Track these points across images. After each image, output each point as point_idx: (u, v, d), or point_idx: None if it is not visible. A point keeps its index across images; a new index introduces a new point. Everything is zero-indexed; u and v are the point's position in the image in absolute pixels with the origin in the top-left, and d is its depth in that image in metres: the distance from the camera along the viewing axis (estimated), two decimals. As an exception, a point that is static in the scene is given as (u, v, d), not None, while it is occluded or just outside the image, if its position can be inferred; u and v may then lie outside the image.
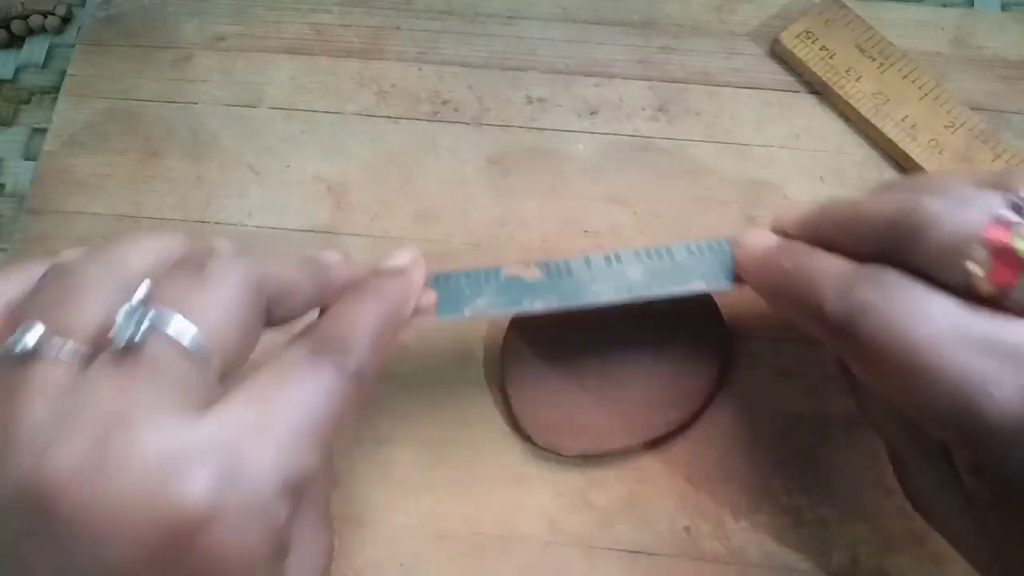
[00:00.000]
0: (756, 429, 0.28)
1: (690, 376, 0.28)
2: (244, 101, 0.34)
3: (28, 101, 0.36)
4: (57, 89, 0.34)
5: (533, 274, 0.26)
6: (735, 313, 0.29)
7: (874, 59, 0.33)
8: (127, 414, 0.17)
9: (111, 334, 0.17)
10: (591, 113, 0.34)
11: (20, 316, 0.18)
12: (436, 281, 0.26)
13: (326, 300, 0.23)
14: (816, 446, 0.28)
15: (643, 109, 0.34)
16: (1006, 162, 0.31)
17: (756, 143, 0.33)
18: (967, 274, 0.19)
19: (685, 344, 0.28)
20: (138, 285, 0.19)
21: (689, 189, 0.32)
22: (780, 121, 0.33)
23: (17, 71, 0.36)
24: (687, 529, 0.27)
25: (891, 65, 0.33)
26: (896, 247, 0.20)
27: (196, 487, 0.16)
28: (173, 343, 0.18)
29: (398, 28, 0.35)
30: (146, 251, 0.20)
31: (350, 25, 0.35)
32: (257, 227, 0.32)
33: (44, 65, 0.36)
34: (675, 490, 0.28)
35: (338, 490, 0.27)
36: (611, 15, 0.35)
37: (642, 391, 0.28)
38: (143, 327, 0.17)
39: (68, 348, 0.18)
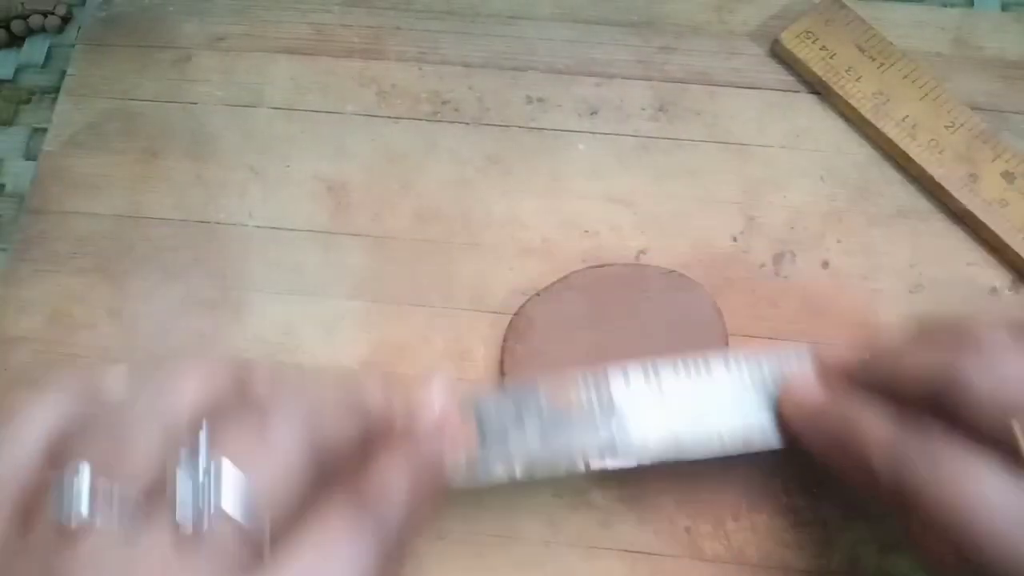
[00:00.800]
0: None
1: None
2: (244, 101, 0.34)
3: (28, 101, 0.36)
4: (57, 89, 0.34)
5: (572, 401, 0.25)
6: (735, 313, 0.29)
7: (874, 59, 0.33)
8: None
9: (177, 512, 0.17)
10: (591, 113, 0.34)
11: (65, 457, 0.17)
12: (474, 408, 0.24)
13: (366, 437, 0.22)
14: (816, 446, 0.28)
15: (643, 109, 0.34)
16: (1006, 162, 0.31)
17: (756, 143, 0.33)
18: (1013, 437, 0.19)
19: (685, 344, 0.28)
20: (190, 428, 0.18)
21: (689, 189, 0.32)
22: (780, 121, 0.33)
23: (17, 71, 0.36)
24: (687, 529, 0.27)
25: (891, 65, 0.33)
26: (939, 408, 0.20)
27: None
28: (234, 526, 0.17)
29: (398, 28, 0.35)
30: (196, 387, 0.19)
31: (350, 25, 0.35)
32: (257, 227, 0.32)
33: (44, 65, 0.36)
34: (675, 490, 0.28)
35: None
36: (611, 15, 0.35)
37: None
38: (208, 508, 0.17)
39: (117, 511, 0.17)
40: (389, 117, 0.34)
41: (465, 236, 0.31)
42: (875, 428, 0.22)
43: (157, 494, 0.17)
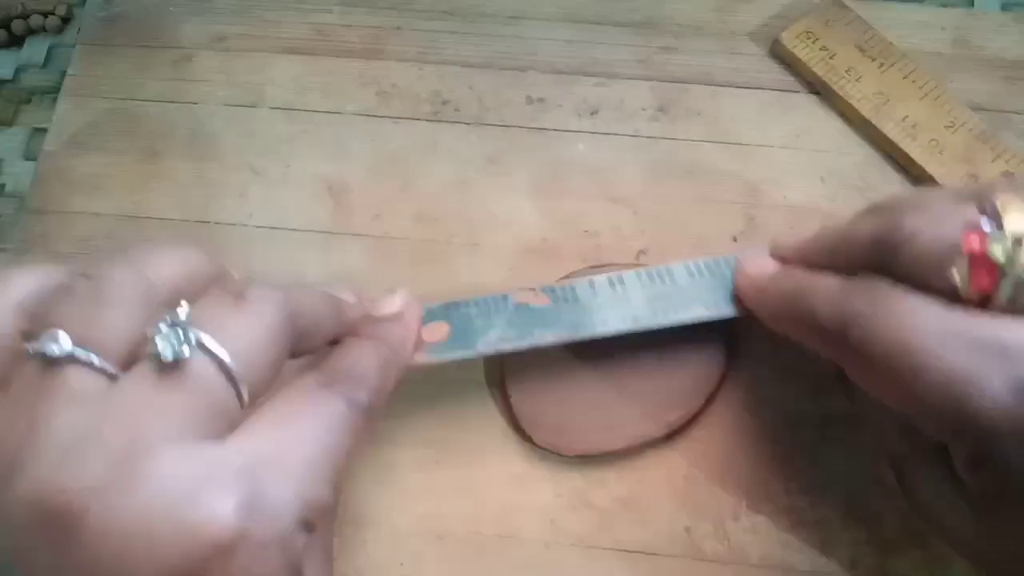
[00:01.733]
0: (756, 429, 0.28)
1: (690, 376, 0.28)
2: (244, 101, 0.34)
3: (28, 101, 0.36)
4: (57, 89, 0.35)
5: (541, 300, 0.26)
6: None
7: (874, 59, 0.33)
8: (157, 432, 0.16)
9: (154, 347, 0.17)
10: (591, 113, 0.34)
11: (42, 321, 0.18)
12: (447, 312, 0.26)
13: (338, 338, 0.23)
14: (816, 446, 0.28)
15: (643, 109, 0.34)
16: (1006, 162, 0.31)
17: (756, 143, 0.33)
18: (950, 282, 0.20)
19: (685, 344, 0.28)
20: (167, 298, 0.18)
21: (689, 189, 0.32)
22: (780, 121, 0.33)
23: (17, 71, 0.36)
24: (687, 529, 0.27)
25: (891, 65, 0.33)
26: (882, 262, 0.21)
27: (223, 512, 0.16)
28: (215, 364, 0.18)
29: (399, 28, 0.35)
30: (174, 264, 0.20)
31: (351, 25, 0.35)
32: (257, 227, 0.32)
33: (44, 65, 0.36)
34: (675, 490, 0.28)
35: (338, 490, 0.27)
36: (612, 15, 0.35)
37: (642, 390, 0.28)
38: (189, 343, 0.17)
39: (99, 359, 0.17)
40: (389, 117, 0.34)
41: (465, 236, 0.31)
42: (824, 281, 0.23)
43: (135, 354, 0.18)
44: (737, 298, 0.26)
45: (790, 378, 0.29)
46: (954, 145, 0.32)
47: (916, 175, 0.32)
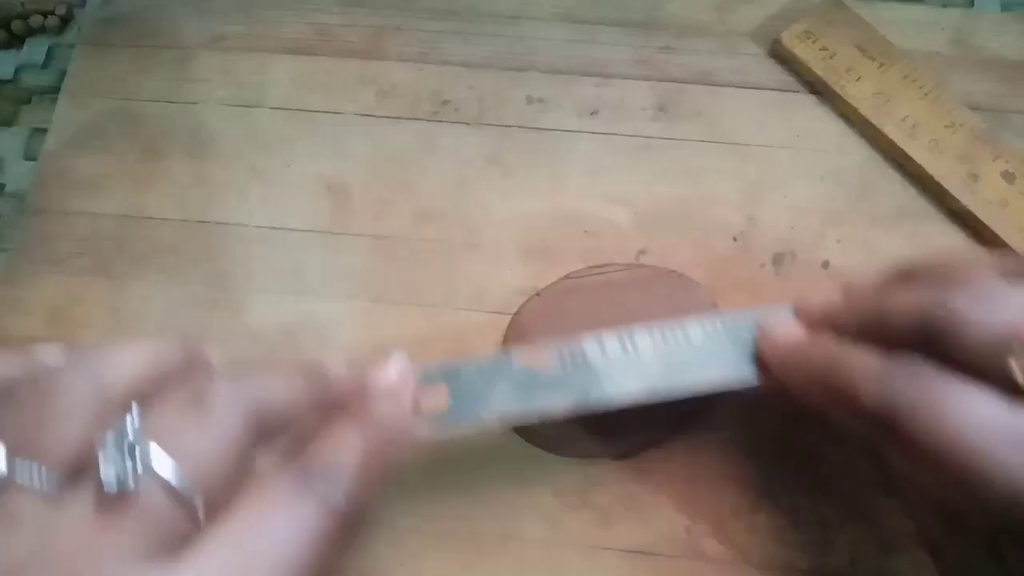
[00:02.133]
0: (756, 429, 0.28)
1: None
2: (244, 101, 0.34)
3: (28, 101, 0.36)
4: (57, 89, 0.34)
5: (546, 363, 0.24)
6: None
7: (874, 59, 0.33)
8: (102, 562, 0.16)
9: (99, 472, 0.16)
10: (591, 113, 0.34)
11: None
12: (446, 374, 0.24)
13: (323, 411, 0.21)
14: (816, 446, 0.28)
15: (643, 109, 0.34)
16: (1006, 162, 0.31)
17: (756, 143, 0.33)
18: (1009, 373, 0.18)
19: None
20: (123, 402, 0.17)
21: (689, 189, 0.32)
22: (780, 121, 0.33)
23: (17, 71, 0.36)
24: (687, 529, 0.27)
25: (891, 65, 0.33)
26: (927, 344, 0.20)
27: None
28: (163, 487, 0.17)
29: (399, 28, 0.35)
30: (131, 362, 0.19)
31: (351, 25, 0.35)
32: (257, 227, 0.32)
33: (44, 65, 0.36)
34: (675, 490, 0.28)
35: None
36: (612, 15, 0.35)
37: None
38: (134, 469, 0.16)
39: (42, 474, 0.16)
40: (389, 117, 0.34)
41: (465, 236, 0.31)
42: (862, 358, 0.21)
43: (83, 469, 0.17)
44: (758, 361, 0.24)
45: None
46: (954, 145, 0.32)
47: (916, 175, 0.32)
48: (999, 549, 0.20)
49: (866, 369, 0.20)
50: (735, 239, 0.31)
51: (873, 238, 0.31)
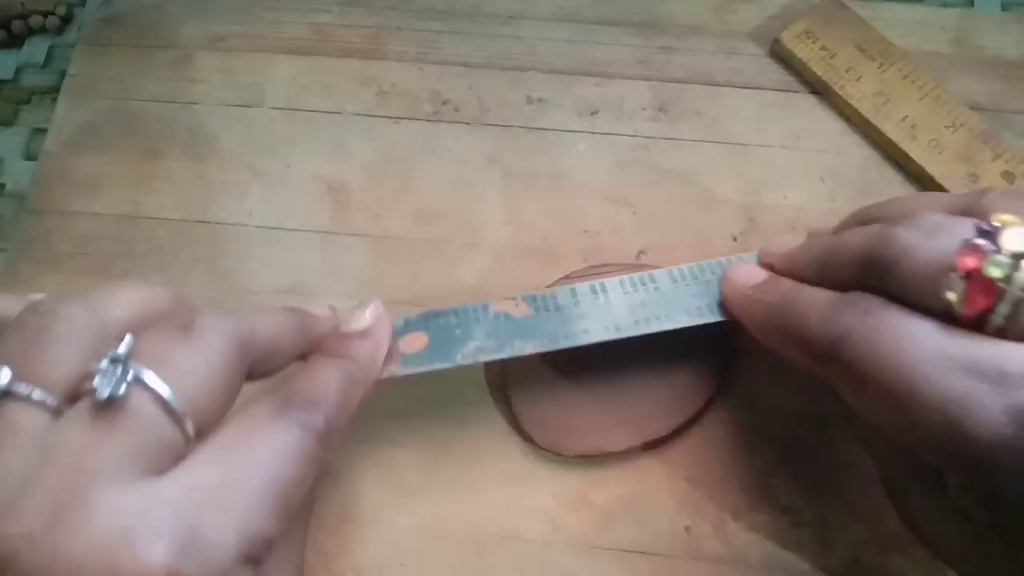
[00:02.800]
0: (756, 429, 0.28)
1: (691, 376, 0.28)
2: (244, 101, 0.34)
3: (28, 101, 0.36)
4: (57, 89, 0.35)
5: (521, 310, 0.26)
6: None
7: (874, 59, 0.33)
8: (93, 472, 0.16)
9: (92, 384, 0.17)
10: (591, 113, 0.34)
11: None
12: (426, 322, 0.26)
13: (306, 354, 0.23)
14: (816, 446, 0.28)
15: (643, 109, 0.34)
16: (1006, 162, 0.31)
17: (756, 143, 0.33)
18: (944, 302, 0.19)
19: (685, 344, 0.28)
20: (117, 335, 0.18)
21: (689, 189, 0.32)
22: (780, 121, 0.33)
23: (17, 71, 0.36)
24: (687, 529, 0.27)
25: (891, 65, 0.33)
26: (874, 278, 0.21)
27: (155, 554, 0.16)
28: (155, 400, 0.17)
29: (398, 28, 0.35)
30: (128, 301, 0.20)
31: (350, 25, 0.35)
32: (257, 227, 0.32)
33: (44, 65, 0.36)
34: (675, 490, 0.28)
35: (338, 490, 0.27)
36: (611, 15, 0.35)
37: (642, 392, 0.28)
38: (127, 380, 0.17)
39: (40, 393, 0.17)
40: (389, 117, 0.34)
41: (465, 236, 0.31)
42: (813, 295, 0.22)
43: (79, 390, 0.17)
44: (723, 306, 0.26)
45: (789, 378, 0.29)
46: (954, 145, 0.32)
47: (916, 175, 0.32)
48: (942, 475, 0.21)
49: (815, 302, 0.22)
50: (735, 239, 0.31)
51: (873, 238, 0.31)
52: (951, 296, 0.19)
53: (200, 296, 0.30)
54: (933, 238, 0.20)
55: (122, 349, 0.18)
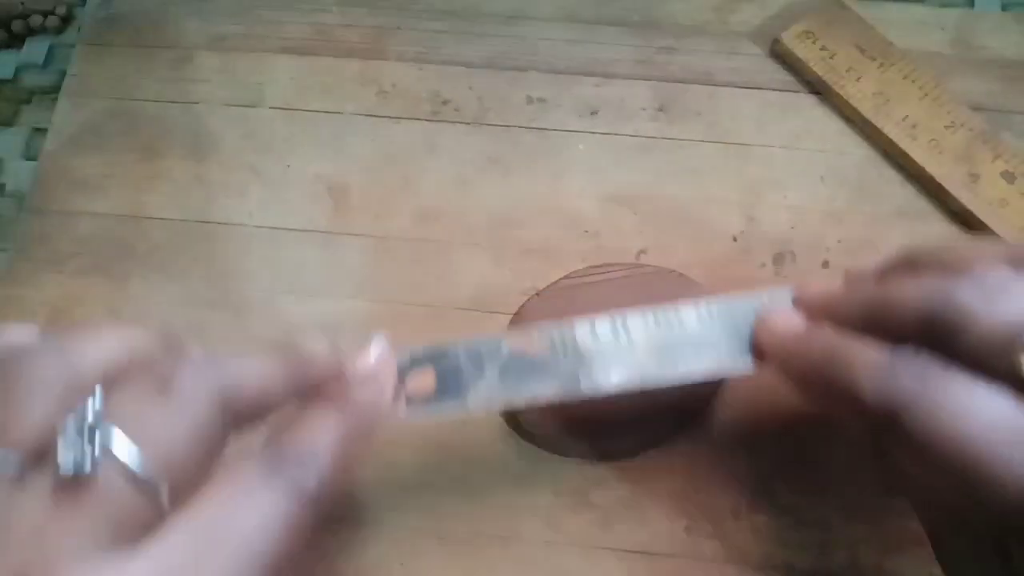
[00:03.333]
0: (756, 429, 0.28)
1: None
2: (244, 101, 0.34)
3: (28, 101, 0.36)
4: (57, 89, 0.35)
5: (537, 348, 0.24)
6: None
7: (874, 59, 0.33)
8: (57, 550, 0.15)
9: (57, 457, 0.16)
10: (591, 113, 0.34)
11: None
12: (433, 357, 0.23)
13: (303, 395, 0.21)
14: (816, 446, 0.28)
15: (643, 109, 0.34)
16: (1006, 162, 0.31)
17: (756, 143, 0.33)
18: (1018, 370, 0.18)
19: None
20: (88, 387, 0.17)
21: (689, 189, 0.32)
22: (780, 121, 0.33)
23: (17, 71, 0.36)
24: (687, 529, 0.27)
25: (891, 65, 0.33)
26: (934, 339, 0.19)
27: None
28: (122, 472, 0.16)
29: (399, 28, 0.35)
30: (107, 347, 0.18)
31: (351, 25, 0.35)
32: (257, 227, 0.32)
33: (44, 65, 0.36)
34: (675, 490, 0.28)
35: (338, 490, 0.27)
36: (612, 15, 0.35)
37: (643, 393, 0.28)
38: (92, 453, 0.16)
39: (5, 456, 0.16)
40: (389, 117, 0.34)
41: (465, 236, 0.31)
42: (863, 350, 0.20)
43: (47, 452, 0.16)
44: (756, 350, 0.23)
45: (790, 378, 0.29)
46: (954, 145, 0.32)
47: (916, 175, 0.32)
48: (1007, 549, 0.20)
49: (867, 362, 0.20)
50: (735, 239, 0.31)
51: (873, 238, 0.31)
52: None
53: (200, 296, 0.30)
54: (1000, 301, 0.18)
55: (90, 417, 0.16)
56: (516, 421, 0.28)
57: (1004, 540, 0.19)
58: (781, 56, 0.34)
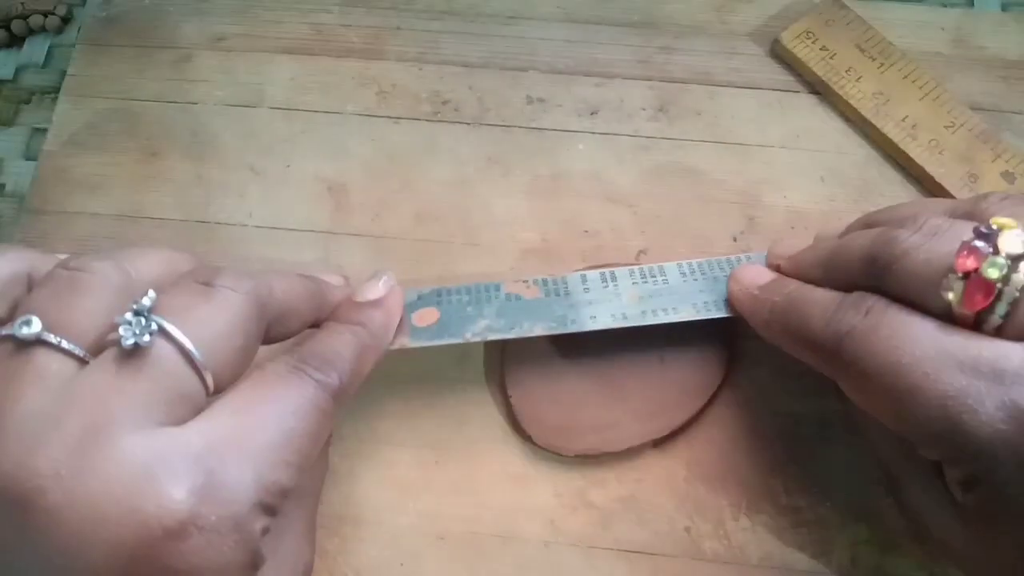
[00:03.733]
0: (756, 429, 0.28)
1: (691, 376, 0.28)
2: (244, 101, 0.34)
3: (28, 101, 0.36)
4: (57, 89, 0.35)
5: (532, 292, 0.27)
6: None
7: (874, 59, 0.33)
8: (117, 416, 0.17)
9: (118, 333, 0.18)
10: (591, 113, 0.34)
11: (19, 306, 0.19)
12: (438, 298, 0.27)
13: (320, 321, 0.24)
14: (816, 446, 0.28)
15: (643, 109, 0.34)
16: (1006, 162, 0.31)
17: (756, 143, 0.33)
18: (944, 302, 0.20)
19: (686, 346, 0.28)
20: (143, 291, 0.19)
21: (689, 189, 0.32)
22: (780, 121, 0.33)
23: (17, 71, 0.36)
24: (687, 529, 0.27)
25: (891, 65, 0.33)
26: (876, 278, 0.21)
27: (176, 495, 0.17)
28: (177, 351, 0.18)
29: (398, 28, 0.35)
30: (154, 261, 0.21)
31: (350, 25, 0.35)
32: (257, 227, 0.32)
33: (44, 65, 0.36)
34: (675, 490, 0.28)
35: (338, 490, 0.27)
36: (611, 15, 0.35)
37: (643, 391, 0.28)
38: (151, 330, 0.18)
39: (68, 343, 0.18)
40: (389, 117, 0.34)
41: (465, 236, 0.31)
42: (817, 295, 0.23)
43: (103, 343, 0.18)
44: (729, 303, 0.26)
45: (790, 378, 0.29)
46: (954, 145, 0.32)
47: (916, 175, 0.32)
48: (940, 469, 0.21)
49: (819, 301, 0.22)
50: (735, 239, 0.31)
51: (873, 238, 0.31)
52: (950, 296, 0.19)
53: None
54: (933, 240, 0.20)
55: (146, 301, 0.18)
56: (516, 421, 0.28)
57: (937, 459, 0.21)
58: (781, 56, 0.34)
